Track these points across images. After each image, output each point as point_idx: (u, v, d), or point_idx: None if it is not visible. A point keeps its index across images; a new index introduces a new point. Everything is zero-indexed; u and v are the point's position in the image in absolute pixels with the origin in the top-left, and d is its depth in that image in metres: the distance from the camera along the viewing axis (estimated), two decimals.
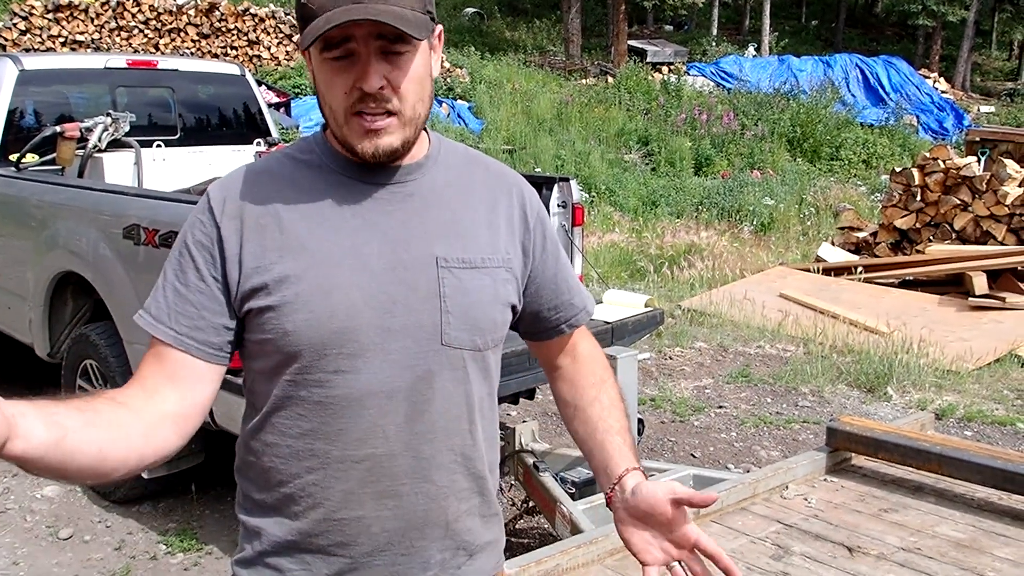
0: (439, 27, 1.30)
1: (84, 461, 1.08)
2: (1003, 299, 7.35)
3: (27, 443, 0.99)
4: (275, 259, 1.27)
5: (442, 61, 1.61)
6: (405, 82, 1.24)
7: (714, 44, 26.17)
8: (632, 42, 24.86)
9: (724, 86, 21.00)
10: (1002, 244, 8.47)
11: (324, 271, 1.26)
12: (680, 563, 1.30)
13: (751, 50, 25.40)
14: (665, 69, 22.50)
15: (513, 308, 1.41)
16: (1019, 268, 7.65)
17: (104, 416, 1.13)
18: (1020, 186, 8.75)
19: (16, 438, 0.97)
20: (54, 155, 5.08)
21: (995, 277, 7.68)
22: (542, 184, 4.47)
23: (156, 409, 1.22)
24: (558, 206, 4.48)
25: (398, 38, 1.22)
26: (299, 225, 1.28)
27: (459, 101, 17.17)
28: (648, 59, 23.41)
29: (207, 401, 1.29)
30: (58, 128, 5.04)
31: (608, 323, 4.16)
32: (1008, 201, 8.52)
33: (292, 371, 1.27)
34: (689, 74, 21.46)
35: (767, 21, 26.93)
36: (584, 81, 21.31)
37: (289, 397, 1.29)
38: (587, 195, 13.37)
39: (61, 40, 15.39)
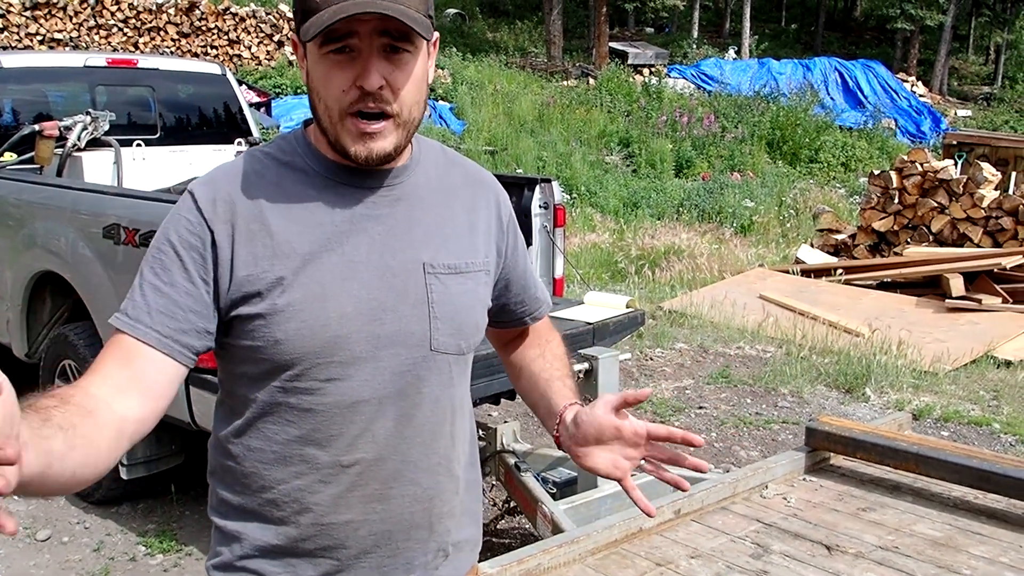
0: (436, 34, 1.29)
1: (54, 486, 1.04)
2: (979, 301, 7.43)
3: (19, 475, 0.92)
4: (267, 267, 1.24)
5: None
6: (405, 84, 1.23)
7: (695, 47, 26.27)
8: (613, 44, 24.92)
9: (705, 88, 21.10)
10: (978, 246, 8.56)
11: (315, 279, 1.25)
12: (645, 460, 1.35)
13: (731, 53, 25.52)
14: (646, 71, 22.58)
15: (488, 309, 1.45)
16: (995, 270, 7.74)
17: (80, 434, 1.07)
18: (996, 189, 8.85)
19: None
20: (32, 154, 5.04)
21: (972, 279, 7.76)
22: (524, 185, 4.48)
23: (119, 417, 1.15)
24: (540, 207, 4.49)
25: (402, 37, 1.20)
26: (289, 232, 1.26)
27: (440, 102, 17.16)
28: (629, 61, 23.48)
29: (166, 407, 1.24)
30: (37, 127, 5.01)
31: (589, 324, 4.17)
32: (984, 204, 8.62)
33: (282, 378, 1.26)
34: (670, 76, 21.55)
35: (747, 24, 27.07)
36: (565, 83, 21.34)
37: (277, 403, 1.27)
38: (568, 196, 13.40)
39: (39, 38, 15.25)
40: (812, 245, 10.26)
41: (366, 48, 1.20)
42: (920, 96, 23.97)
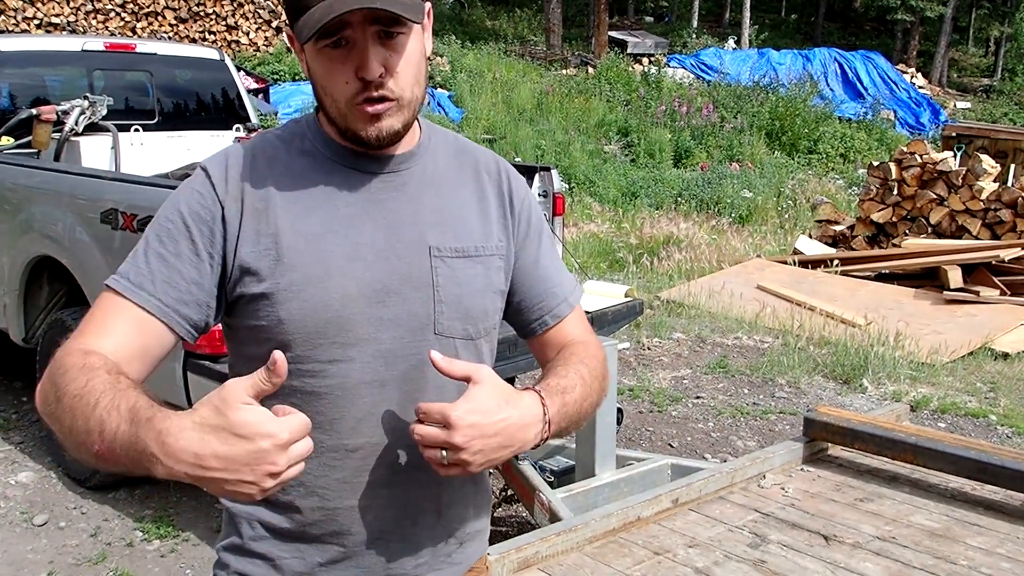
0: (427, 4, 1.29)
1: None
2: (977, 293, 7.44)
3: None
4: (269, 245, 1.25)
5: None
6: (402, 65, 1.23)
7: (694, 36, 26.20)
8: (613, 33, 24.85)
9: (704, 78, 21.04)
10: (977, 239, 8.55)
11: (319, 260, 1.25)
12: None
13: (731, 43, 25.46)
14: (645, 60, 22.51)
15: (503, 295, 1.41)
16: (993, 262, 7.74)
17: None
18: (995, 181, 8.84)
19: None
20: (30, 138, 5.02)
21: (970, 271, 7.76)
22: (523, 173, 4.47)
23: None
24: (539, 195, 4.49)
25: (394, 21, 1.21)
26: (293, 212, 1.27)
27: (439, 90, 17.11)
28: (629, 50, 23.42)
29: (145, 370, 1.24)
30: (34, 111, 4.99)
31: (588, 313, 4.17)
32: (983, 196, 8.61)
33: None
34: (669, 66, 21.49)
35: (747, 14, 26.99)
36: (565, 71, 21.28)
37: (281, 386, 1.28)
38: (567, 185, 13.37)
39: (36, 22, 15.18)
40: (810, 236, 10.25)
41: (360, 38, 1.20)
42: (919, 88, 23.94)
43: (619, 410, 3.55)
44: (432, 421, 1.16)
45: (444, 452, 1.15)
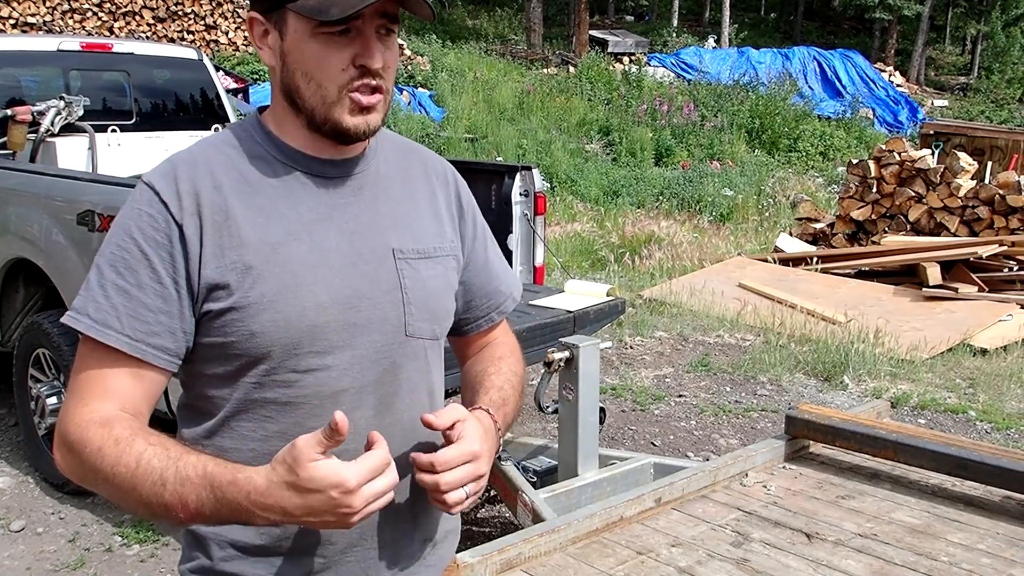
0: None
1: None
2: (956, 290, 7.48)
3: None
4: (235, 258, 1.21)
5: (401, 48, 1.57)
6: (393, 63, 1.25)
7: (674, 35, 26.26)
8: (593, 32, 24.89)
9: (684, 77, 21.11)
10: (955, 236, 8.61)
11: (287, 269, 1.22)
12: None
13: (711, 42, 25.55)
14: (626, 59, 22.55)
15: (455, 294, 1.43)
16: (971, 259, 7.79)
17: None
18: (972, 179, 8.91)
19: None
20: (5, 139, 4.97)
21: (948, 268, 7.81)
22: (504, 173, 4.46)
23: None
24: (520, 195, 4.47)
25: (395, 19, 1.21)
26: (255, 222, 1.23)
27: (420, 89, 17.07)
28: (609, 49, 23.46)
29: (149, 411, 1.25)
30: (9, 111, 4.94)
31: (570, 312, 4.17)
32: (961, 193, 8.67)
33: (257, 373, 1.23)
34: (650, 65, 21.53)
35: (727, 13, 27.08)
36: (546, 70, 21.29)
37: (253, 400, 1.24)
38: (549, 185, 13.37)
39: (12, 22, 15.02)
40: (791, 234, 10.29)
41: (368, 28, 1.20)
42: (897, 86, 24.11)
43: (602, 409, 3.55)
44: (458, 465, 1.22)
45: (467, 489, 1.24)
